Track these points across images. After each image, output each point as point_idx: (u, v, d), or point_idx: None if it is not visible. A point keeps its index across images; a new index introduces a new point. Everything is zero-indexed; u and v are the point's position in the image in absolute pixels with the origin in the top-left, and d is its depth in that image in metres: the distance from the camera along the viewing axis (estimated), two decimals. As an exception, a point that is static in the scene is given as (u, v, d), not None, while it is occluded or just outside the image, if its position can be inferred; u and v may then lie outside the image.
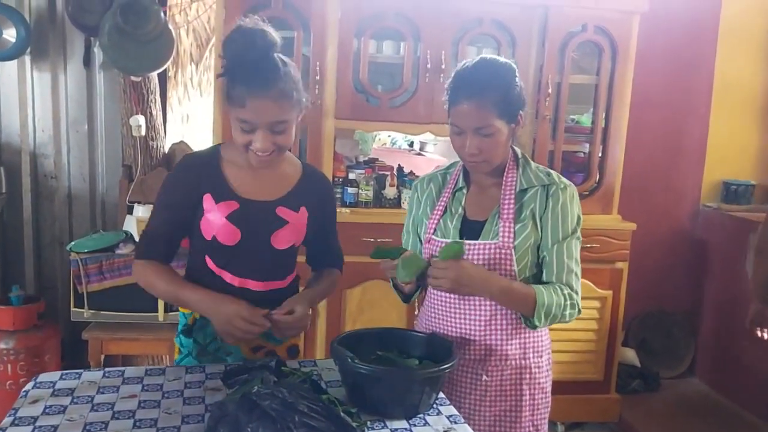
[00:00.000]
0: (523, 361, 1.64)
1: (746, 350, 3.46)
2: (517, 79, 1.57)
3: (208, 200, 1.54)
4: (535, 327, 1.55)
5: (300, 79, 1.52)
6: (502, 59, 1.60)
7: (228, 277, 1.57)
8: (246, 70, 1.43)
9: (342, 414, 1.18)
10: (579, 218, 1.61)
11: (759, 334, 2.28)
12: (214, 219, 1.53)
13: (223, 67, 1.48)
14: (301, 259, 1.75)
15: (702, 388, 3.76)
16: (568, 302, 1.55)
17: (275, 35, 1.46)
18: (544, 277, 1.60)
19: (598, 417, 3.32)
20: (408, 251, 1.54)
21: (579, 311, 1.59)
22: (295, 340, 1.73)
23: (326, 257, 1.80)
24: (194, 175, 1.56)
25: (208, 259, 1.58)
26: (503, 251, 1.57)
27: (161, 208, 1.59)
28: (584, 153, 3.36)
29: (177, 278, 1.58)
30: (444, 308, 1.66)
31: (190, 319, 1.64)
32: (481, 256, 1.58)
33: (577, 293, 1.58)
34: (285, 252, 1.61)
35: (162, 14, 2.93)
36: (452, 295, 1.63)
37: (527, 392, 1.65)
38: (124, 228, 3.07)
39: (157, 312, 2.83)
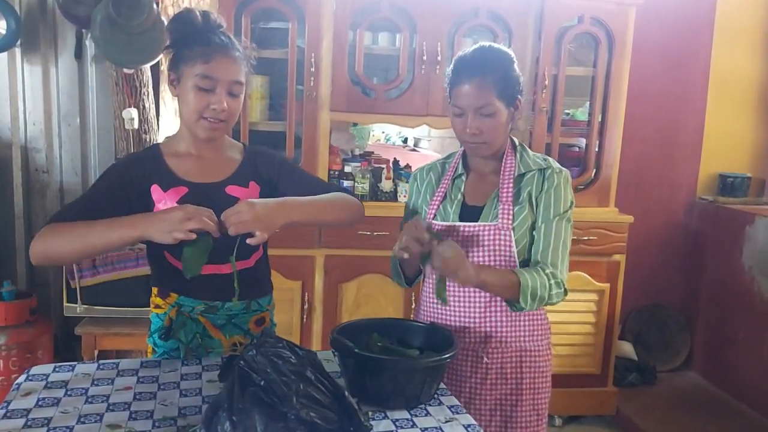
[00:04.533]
0: (523, 344, 1.66)
1: (742, 343, 3.46)
2: (515, 65, 1.64)
3: (156, 190, 1.52)
4: (521, 309, 1.57)
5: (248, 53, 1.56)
6: (500, 46, 1.68)
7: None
8: (203, 34, 1.47)
9: (348, 396, 1.14)
10: (572, 202, 1.65)
11: None
12: (165, 208, 1.48)
13: (174, 37, 1.50)
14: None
15: (698, 381, 3.76)
16: (552, 281, 1.56)
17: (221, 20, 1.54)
18: (531, 255, 1.61)
19: (596, 410, 3.31)
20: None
21: (566, 292, 1.60)
22: (263, 314, 1.67)
23: None
24: (138, 168, 1.54)
25: (167, 254, 1.54)
26: (503, 232, 1.60)
27: (94, 191, 1.50)
28: (579, 147, 3.35)
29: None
30: None
31: (166, 320, 1.58)
32: (480, 238, 1.60)
33: (561, 272, 1.59)
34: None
35: (155, 6, 2.89)
36: (450, 284, 1.63)
37: (528, 375, 1.67)
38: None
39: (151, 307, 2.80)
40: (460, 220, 1.65)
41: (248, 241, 1.35)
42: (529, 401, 1.68)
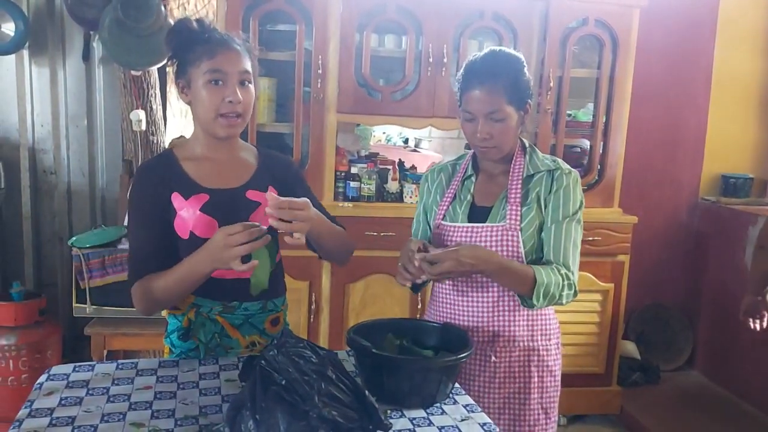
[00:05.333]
0: (531, 343, 1.68)
1: (744, 342, 3.48)
2: (525, 69, 1.64)
3: (177, 198, 1.53)
4: (533, 306, 1.58)
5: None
6: (510, 50, 1.68)
7: (215, 273, 1.50)
8: (201, 35, 1.50)
9: (368, 395, 1.17)
10: (581, 203, 1.66)
11: (752, 324, 2.33)
12: (188, 215, 1.52)
13: (174, 46, 1.52)
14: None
15: (701, 380, 3.79)
16: (566, 282, 1.58)
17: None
18: (543, 256, 1.63)
19: (600, 409, 3.34)
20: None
21: (576, 293, 1.61)
22: (278, 314, 1.67)
23: None
24: (156, 180, 1.54)
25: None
26: (510, 233, 1.62)
27: (137, 226, 1.56)
28: (581, 148, 3.37)
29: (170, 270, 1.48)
30: (451, 296, 1.70)
31: (185, 321, 1.60)
32: (488, 239, 1.63)
33: (573, 274, 1.61)
34: None
35: (162, 8, 2.91)
36: (458, 282, 1.66)
37: (536, 374, 1.68)
38: (125, 223, 3.05)
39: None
40: (469, 221, 1.67)
41: (287, 239, 1.41)
42: (537, 400, 1.69)
